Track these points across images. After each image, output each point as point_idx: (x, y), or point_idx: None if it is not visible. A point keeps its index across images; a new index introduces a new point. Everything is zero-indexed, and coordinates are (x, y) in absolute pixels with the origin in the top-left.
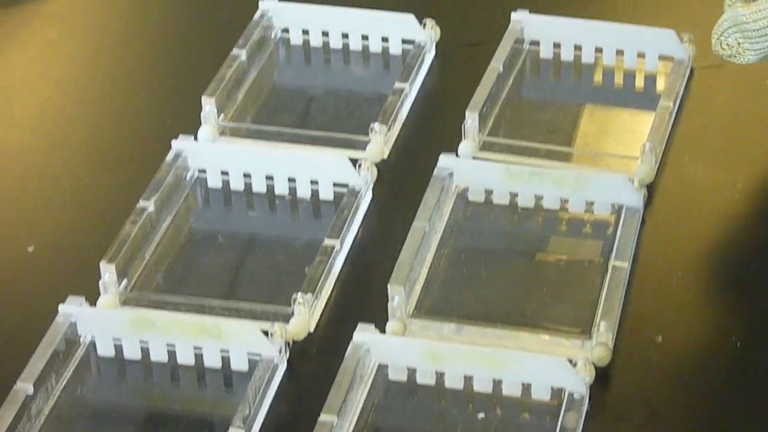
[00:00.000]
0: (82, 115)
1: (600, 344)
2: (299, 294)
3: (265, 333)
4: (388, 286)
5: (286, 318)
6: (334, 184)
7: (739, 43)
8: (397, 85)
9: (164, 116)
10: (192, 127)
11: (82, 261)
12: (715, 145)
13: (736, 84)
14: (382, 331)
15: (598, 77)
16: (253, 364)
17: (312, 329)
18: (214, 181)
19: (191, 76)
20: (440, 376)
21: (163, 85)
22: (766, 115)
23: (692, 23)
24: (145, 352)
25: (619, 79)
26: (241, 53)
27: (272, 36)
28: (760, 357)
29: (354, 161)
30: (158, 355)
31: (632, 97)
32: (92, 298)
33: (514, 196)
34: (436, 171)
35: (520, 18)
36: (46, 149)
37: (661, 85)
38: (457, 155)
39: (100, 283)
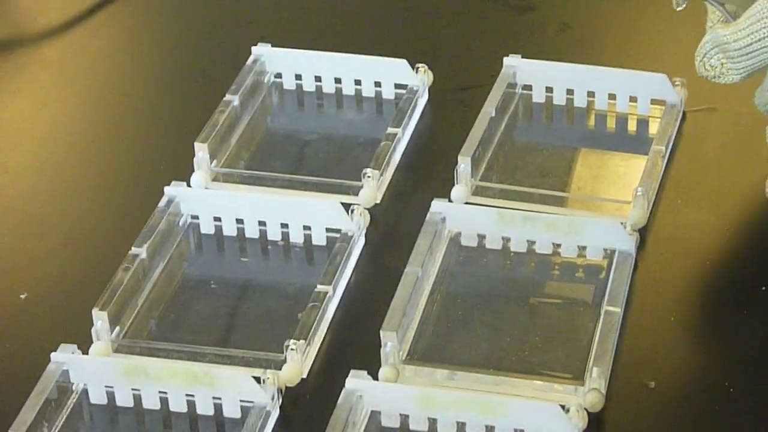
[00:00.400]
0: (75, 161)
1: (593, 390)
2: (292, 340)
3: (258, 380)
4: (381, 332)
5: (279, 365)
6: (327, 230)
7: (722, 64)
8: (390, 130)
9: (157, 162)
10: (185, 173)
11: (75, 308)
12: (707, 189)
13: (727, 127)
14: (375, 377)
15: (590, 121)
16: (245, 411)
17: (305, 376)
18: (207, 227)
19: (184, 122)
20: (433, 422)
21: (155, 131)
22: (757, 159)
23: (684, 67)
24: (137, 399)
25: (611, 124)
26: (233, 98)
27: (265, 81)
28: (753, 402)
29: (347, 206)
30: (150, 402)
31: (624, 141)
32: (85, 346)
33: (506, 240)
34: (428, 216)
35: (512, 63)
36: (39, 195)
37: (653, 129)
38: (449, 200)
39: (93, 330)
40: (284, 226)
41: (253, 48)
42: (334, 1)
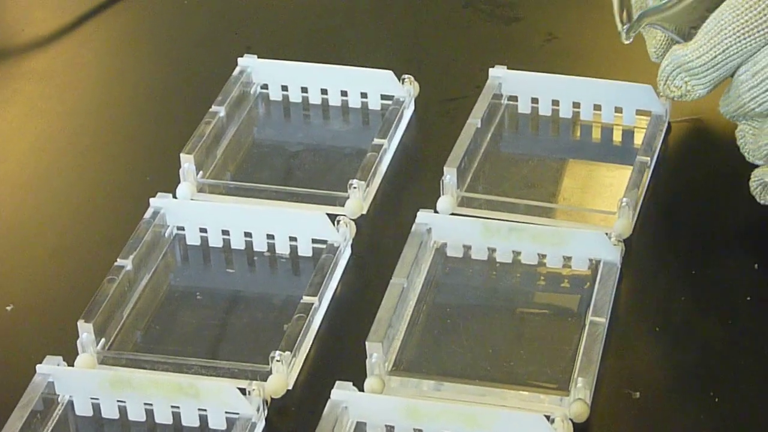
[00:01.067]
0: (61, 172)
1: (578, 400)
2: (277, 352)
3: (243, 391)
4: (366, 343)
5: (264, 376)
6: (313, 241)
7: (686, 82)
8: (376, 141)
9: (142, 173)
10: (170, 184)
11: (61, 320)
12: (692, 199)
13: (712, 137)
14: (361, 388)
15: (575, 132)
16: (231, 422)
17: (290, 387)
18: (193, 239)
19: (170, 133)
20: None
21: (141, 142)
22: (742, 169)
23: None
24: (122, 411)
25: (596, 134)
26: (220, 110)
27: (251, 92)
28: (738, 412)
29: (333, 217)
30: (136, 414)
31: (610, 151)
32: (70, 358)
33: (492, 251)
34: (414, 227)
35: (498, 74)
36: (25, 207)
37: (638, 139)
38: (435, 211)
39: (78, 342)
40: (270, 237)
41: (240, 59)
42: (320, 12)
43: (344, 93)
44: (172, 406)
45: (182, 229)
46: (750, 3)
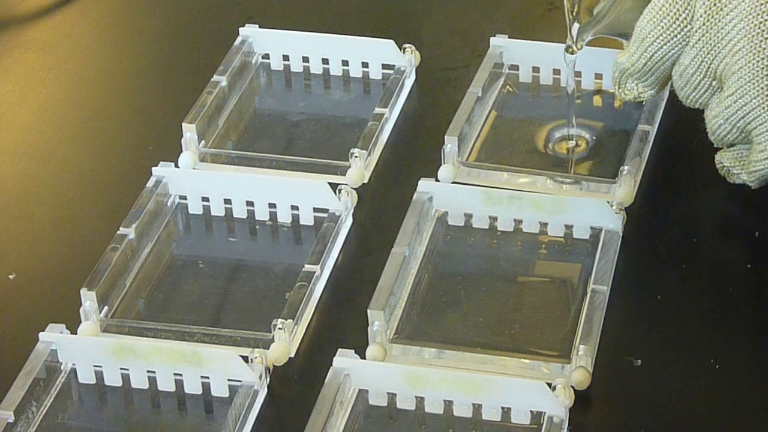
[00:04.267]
0: (62, 142)
1: (579, 368)
2: (279, 320)
3: (246, 359)
4: (368, 311)
5: (267, 344)
6: (315, 210)
7: (636, 85)
8: (377, 110)
9: (145, 143)
10: (173, 153)
11: (63, 288)
12: (693, 167)
13: None
14: (362, 356)
15: (576, 100)
16: (233, 390)
17: (292, 355)
18: (195, 208)
19: (172, 103)
20: (420, 400)
21: (143, 112)
22: None
23: None
24: (125, 378)
25: (597, 102)
26: (221, 79)
27: (253, 62)
28: (739, 379)
29: (334, 186)
30: (139, 381)
31: (611, 119)
32: (73, 326)
33: (493, 220)
34: (415, 195)
35: (499, 43)
36: (27, 177)
37: (639, 107)
38: (436, 180)
39: (81, 310)
40: (272, 206)
41: (241, 29)
42: None
43: (345, 62)
44: (175, 374)
45: (184, 198)
46: (665, 10)
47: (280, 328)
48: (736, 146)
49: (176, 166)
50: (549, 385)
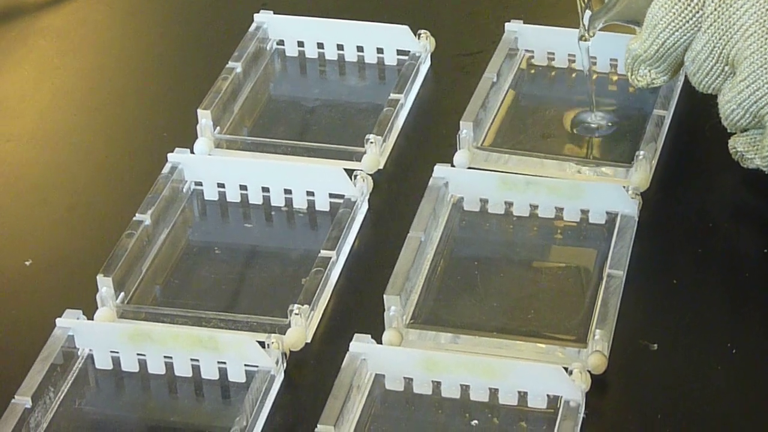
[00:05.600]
0: (78, 129)
1: (596, 352)
2: (296, 305)
3: (262, 344)
4: (384, 296)
5: (283, 329)
6: (330, 195)
7: (649, 72)
8: (393, 96)
9: (160, 129)
10: (188, 140)
11: (80, 274)
12: (709, 151)
13: None
14: (379, 341)
15: (591, 85)
16: (250, 375)
17: (309, 340)
18: (211, 194)
19: (187, 90)
20: (437, 385)
21: (158, 99)
22: None
23: None
24: (142, 364)
25: (612, 87)
26: (236, 66)
27: (267, 48)
28: (756, 364)
29: (350, 172)
30: (156, 367)
31: (627, 104)
32: (90, 312)
33: (509, 205)
34: (431, 181)
35: (514, 28)
36: (43, 163)
37: (655, 93)
38: (452, 165)
39: (98, 296)
40: (288, 192)
41: (256, 15)
42: None
43: (360, 48)
44: (192, 359)
45: (200, 184)
46: None
47: (296, 314)
48: (750, 131)
49: (192, 152)
50: (565, 369)
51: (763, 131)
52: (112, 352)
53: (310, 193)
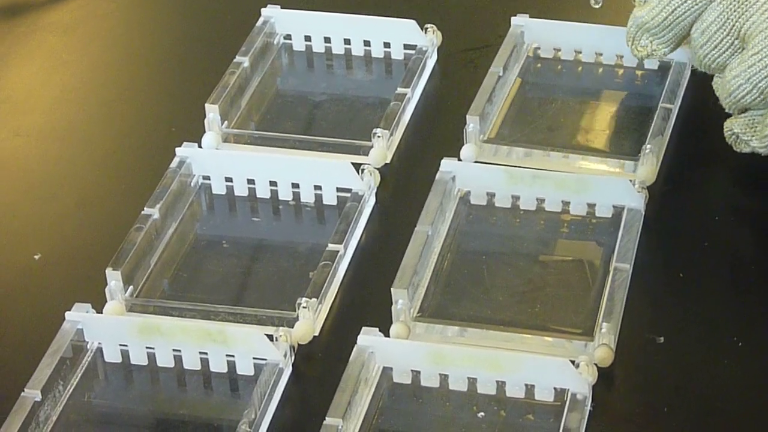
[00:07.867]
0: (86, 123)
1: (602, 345)
2: (304, 299)
3: (271, 337)
4: (392, 290)
5: (291, 323)
6: (338, 189)
7: (651, 42)
8: (399, 90)
9: (168, 124)
10: (196, 134)
11: (89, 268)
12: (715, 146)
13: None
14: (386, 334)
15: (598, 80)
16: (258, 368)
17: (317, 333)
18: (219, 188)
19: (194, 84)
20: (444, 378)
21: (166, 93)
22: None
23: None
24: (151, 357)
25: (619, 81)
26: (243, 60)
27: (275, 42)
28: (762, 356)
29: (357, 166)
30: (164, 360)
31: (633, 98)
32: (99, 305)
33: (515, 199)
34: (438, 175)
35: (520, 22)
36: (51, 158)
37: (661, 87)
38: (459, 159)
39: (106, 290)
40: (295, 186)
41: (263, 10)
42: None
43: (367, 43)
44: (201, 353)
45: (208, 178)
46: None
47: (304, 307)
48: (749, 112)
49: (199, 146)
50: (572, 362)
51: (764, 112)
52: (121, 345)
53: (317, 187)
